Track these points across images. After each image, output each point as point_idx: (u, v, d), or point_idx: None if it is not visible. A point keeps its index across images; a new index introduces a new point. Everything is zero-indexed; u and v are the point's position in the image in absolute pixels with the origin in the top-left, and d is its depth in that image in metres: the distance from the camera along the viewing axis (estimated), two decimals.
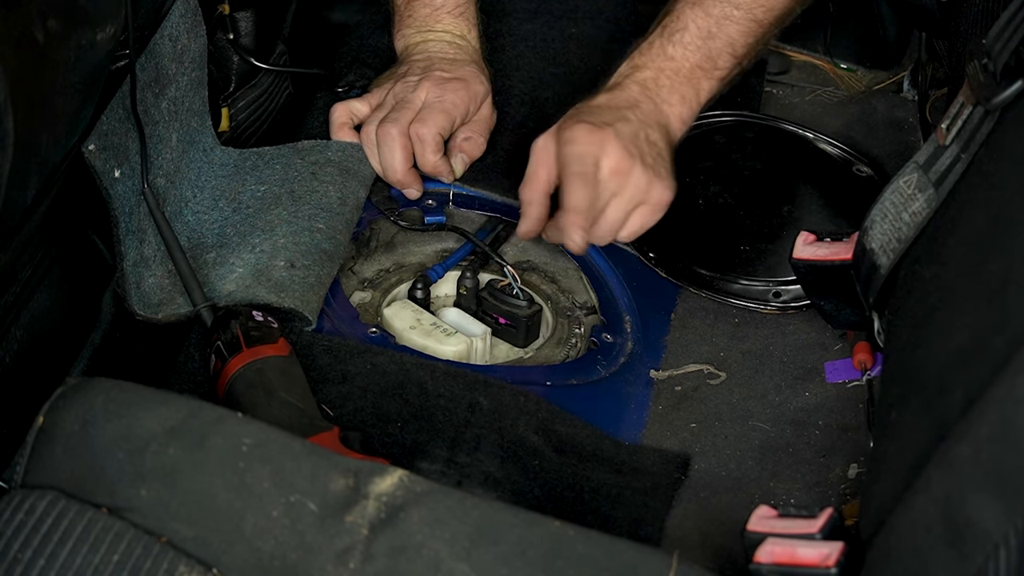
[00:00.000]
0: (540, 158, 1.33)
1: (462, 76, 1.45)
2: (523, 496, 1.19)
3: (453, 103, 1.43)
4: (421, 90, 1.43)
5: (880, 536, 0.95)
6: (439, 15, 1.49)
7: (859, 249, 1.24)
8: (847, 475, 1.24)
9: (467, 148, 1.46)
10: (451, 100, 1.42)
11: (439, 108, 1.42)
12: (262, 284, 1.30)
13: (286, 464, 0.97)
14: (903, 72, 1.72)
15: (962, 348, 0.95)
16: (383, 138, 1.41)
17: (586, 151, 1.30)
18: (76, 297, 1.32)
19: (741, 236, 1.47)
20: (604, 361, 1.35)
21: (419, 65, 1.46)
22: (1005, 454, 0.84)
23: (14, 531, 0.92)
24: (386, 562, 0.93)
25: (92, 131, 1.24)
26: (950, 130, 1.15)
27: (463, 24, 1.50)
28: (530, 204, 1.35)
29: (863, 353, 1.32)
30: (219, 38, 1.51)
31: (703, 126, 1.59)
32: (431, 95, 1.43)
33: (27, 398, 1.06)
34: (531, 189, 1.35)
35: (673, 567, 0.94)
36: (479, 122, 1.47)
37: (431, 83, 1.43)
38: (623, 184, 1.31)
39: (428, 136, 1.41)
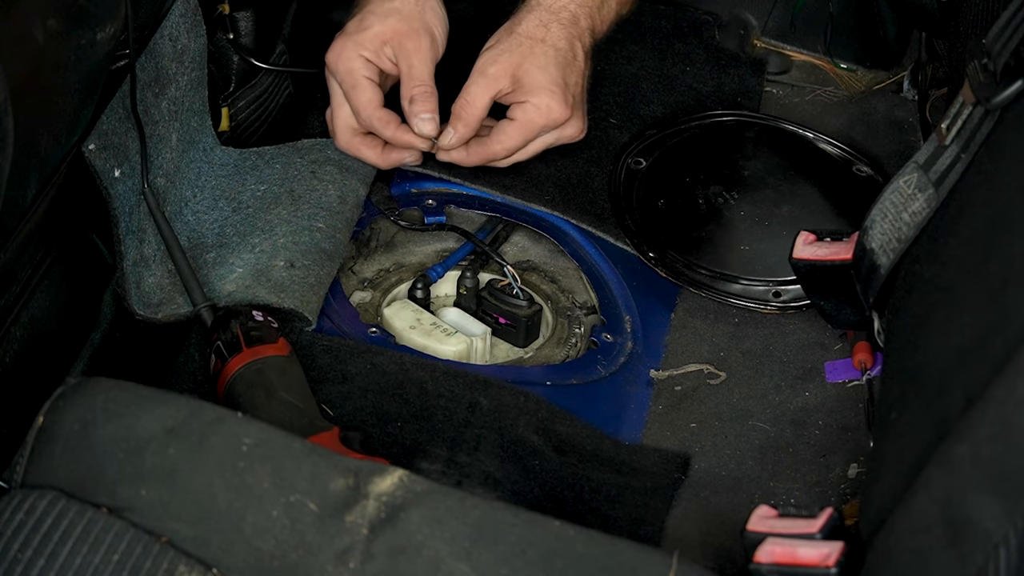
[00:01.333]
0: (483, 94, 1.36)
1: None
2: (523, 496, 1.19)
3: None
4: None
5: (880, 536, 0.95)
6: None
7: (859, 249, 1.24)
8: (847, 475, 1.24)
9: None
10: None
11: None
12: (262, 284, 1.31)
13: (286, 464, 0.97)
14: (903, 72, 1.72)
15: (962, 348, 0.95)
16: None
17: (562, 135, 1.39)
18: (76, 297, 1.32)
19: (741, 236, 1.47)
20: (604, 361, 1.35)
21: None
22: (1005, 454, 0.84)
23: (14, 531, 0.92)
24: (386, 562, 0.93)
25: (92, 131, 1.24)
26: (950, 130, 1.15)
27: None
28: (466, 128, 1.38)
29: (863, 353, 1.32)
30: (219, 38, 1.51)
31: (703, 126, 1.59)
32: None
33: (27, 398, 1.06)
34: (472, 117, 1.37)
35: (673, 567, 0.94)
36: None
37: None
38: (560, 139, 1.41)
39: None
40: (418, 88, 1.34)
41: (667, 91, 1.63)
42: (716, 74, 1.68)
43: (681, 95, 1.64)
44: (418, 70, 1.35)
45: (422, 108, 1.34)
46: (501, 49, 1.37)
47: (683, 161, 1.54)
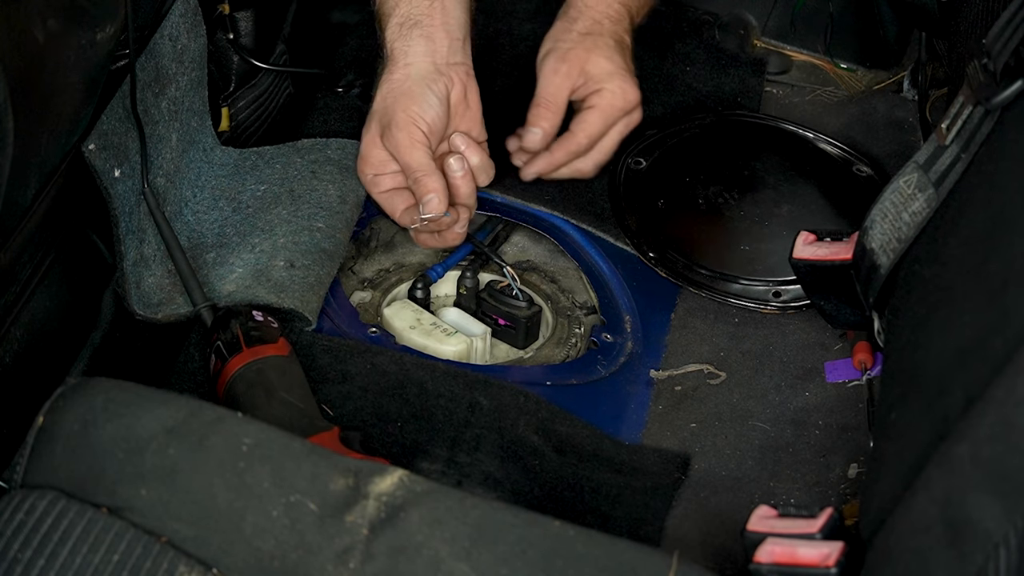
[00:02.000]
0: (562, 89, 1.40)
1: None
2: (523, 496, 1.19)
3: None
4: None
5: (880, 536, 0.95)
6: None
7: (859, 249, 1.24)
8: (847, 475, 1.24)
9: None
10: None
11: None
12: (262, 284, 1.31)
13: (286, 464, 0.97)
14: (903, 72, 1.72)
15: (962, 348, 0.95)
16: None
17: (632, 121, 1.43)
18: (76, 297, 1.32)
19: (741, 236, 1.47)
20: (604, 361, 1.35)
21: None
22: (1005, 454, 0.84)
23: (14, 531, 0.92)
24: (386, 562, 0.93)
25: (92, 131, 1.24)
26: (950, 130, 1.15)
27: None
28: (550, 124, 1.41)
29: (863, 353, 1.32)
30: (219, 38, 1.51)
31: (703, 126, 1.59)
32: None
33: (27, 398, 1.06)
34: (555, 113, 1.41)
35: (673, 567, 0.94)
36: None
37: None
38: (630, 125, 1.45)
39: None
40: (411, 177, 1.34)
41: (667, 91, 1.63)
42: (716, 74, 1.68)
43: (681, 95, 1.64)
44: (404, 162, 1.34)
45: (421, 192, 1.33)
46: (566, 48, 1.41)
47: (683, 161, 1.54)
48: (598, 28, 1.43)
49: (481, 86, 1.61)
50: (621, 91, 1.41)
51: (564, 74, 1.40)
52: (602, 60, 1.40)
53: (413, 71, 1.36)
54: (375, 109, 1.37)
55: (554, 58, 1.41)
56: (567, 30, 1.43)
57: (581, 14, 1.44)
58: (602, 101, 1.41)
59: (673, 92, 1.63)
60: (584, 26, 1.43)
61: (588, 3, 1.44)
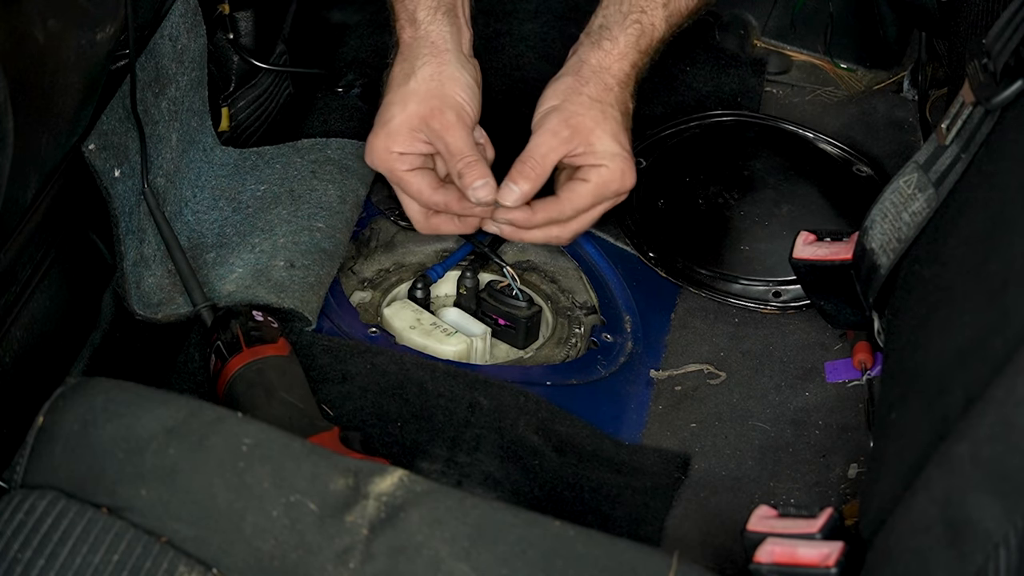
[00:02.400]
0: (554, 154, 1.33)
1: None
2: (523, 496, 1.19)
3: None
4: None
5: (880, 536, 0.95)
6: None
7: (859, 249, 1.24)
8: (847, 475, 1.24)
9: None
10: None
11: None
12: (262, 284, 1.31)
13: (286, 464, 0.97)
14: (903, 72, 1.72)
15: (962, 348, 0.95)
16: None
17: (618, 201, 1.37)
18: (76, 297, 1.32)
19: (741, 236, 1.47)
20: (604, 361, 1.35)
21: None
22: (1005, 454, 0.84)
23: (14, 531, 0.92)
24: (386, 562, 0.93)
25: (92, 131, 1.24)
26: (950, 130, 1.15)
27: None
28: (531, 186, 1.33)
29: (863, 353, 1.32)
30: (219, 38, 1.51)
31: (703, 126, 1.59)
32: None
33: (27, 398, 1.06)
34: (539, 175, 1.33)
35: (673, 567, 0.94)
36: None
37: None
38: (614, 204, 1.38)
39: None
40: (461, 162, 1.31)
41: (667, 91, 1.63)
42: (716, 74, 1.68)
43: (681, 95, 1.64)
44: (455, 145, 1.32)
45: (472, 177, 1.31)
46: (573, 111, 1.34)
47: (683, 161, 1.54)
48: (609, 96, 1.36)
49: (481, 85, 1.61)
50: (620, 175, 1.34)
51: (564, 139, 1.33)
52: (607, 138, 1.33)
53: (453, 57, 1.35)
54: (416, 89, 1.32)
55: (558, 119, 1.33)
56: (576, 91, 1.35)
57: (594, 76, 1.36)
58: (599, 179, 1.34)
59: (673, 92, 1.63)
60: (595, 91, 1.35)
61: (602, 63, 1.37)
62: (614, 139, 1.34)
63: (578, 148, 1.33)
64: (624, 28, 1.38)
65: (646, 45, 1.39)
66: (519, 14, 1.70)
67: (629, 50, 1.38)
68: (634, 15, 1.38)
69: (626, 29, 1.38)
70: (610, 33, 1.38)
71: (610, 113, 1.35)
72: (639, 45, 1.38)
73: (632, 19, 1.38)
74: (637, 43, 1.38)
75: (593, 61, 1.37)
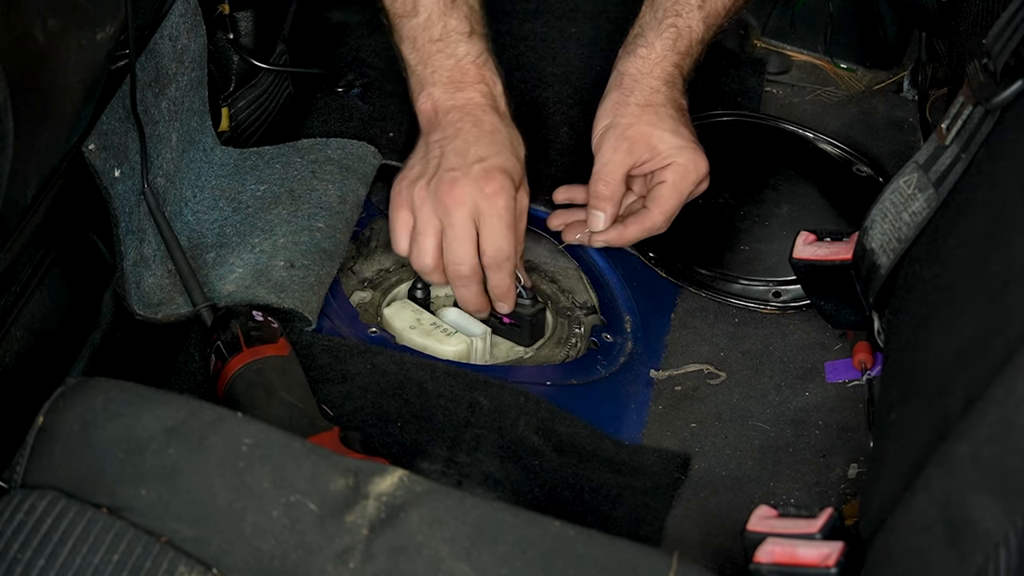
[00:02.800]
0: (620, 169, 1.36)
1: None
2: (523, 496, 1.19)
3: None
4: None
5: (880, 536, 0.95)
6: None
7: (859, 249, 1.24)
8: (847, 475, 1.24)
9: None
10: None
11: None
12: (262, 284, 1.31)
13: (286, 464, 0.97)
14: (903, 72, 1.72)
15: (962, 348, 0.95)
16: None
17: (699, 189, 1.39)
18: (76, 297, 1.32)
19: (741, 236, 1.47)
20: (604, 361, 1.35)
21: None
22: (1005, 454, 0.84)
23: (14, 531, 0.92)
24: (386, 562, 0.93)
25: (92, 131, 1.24)
26: (950, 130, 1.15)
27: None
28: (613, 207, 1.37)
29: (863, 353, 1.32)
30: (219, 38, 1.51)
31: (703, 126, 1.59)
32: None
33: (27, 398, 1.06)
34: (616, 195, 1.37)
35: (673, 567, 0.94)
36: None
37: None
38: (696, 193, 1.40)
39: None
40: (501, 261, 1.32)
41: None
42: (716, 74, 1.68)
43: None
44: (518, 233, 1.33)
45: (505, 285, 1.33)
46: (626, 124, 1.36)
47: None
48: (656, 98, 1.37)
49: None
50: (693, 164, 1.36)
51: (626, 151, 1.35)
52: (667, 135, 1.35)
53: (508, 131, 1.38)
54: (507, 166, 1.32)
55: (615, 135, 1.36)
56: (623, 103, 1.37)
57: (637, 84, 1.37)
58: (675, 176, 1.35)
59: None
60: (642, 98, 1.37)
61: (642, 70, 1.38)
62: (674, 134, 1.36)
63: (643, 156, 1.36)
64: (660, 33, 1.39)
65: (684, 47, 1.39)
66: (519, 14, 1.70)
67: (667, 52, 1.38)
68: (669, 19, 1.39)
69: (661, 34, 1.39)
70: (645, 40, 1.39)
71: (663, 113, 1.36)
72: (677, 47, 1.39)
73: (667, 23, 1.39)
74: (675, 46, 1.39)
75: (632, 70, 1.38)
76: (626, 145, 1.35)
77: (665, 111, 1.37)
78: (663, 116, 1.37)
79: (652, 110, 1.37)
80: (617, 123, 1.37)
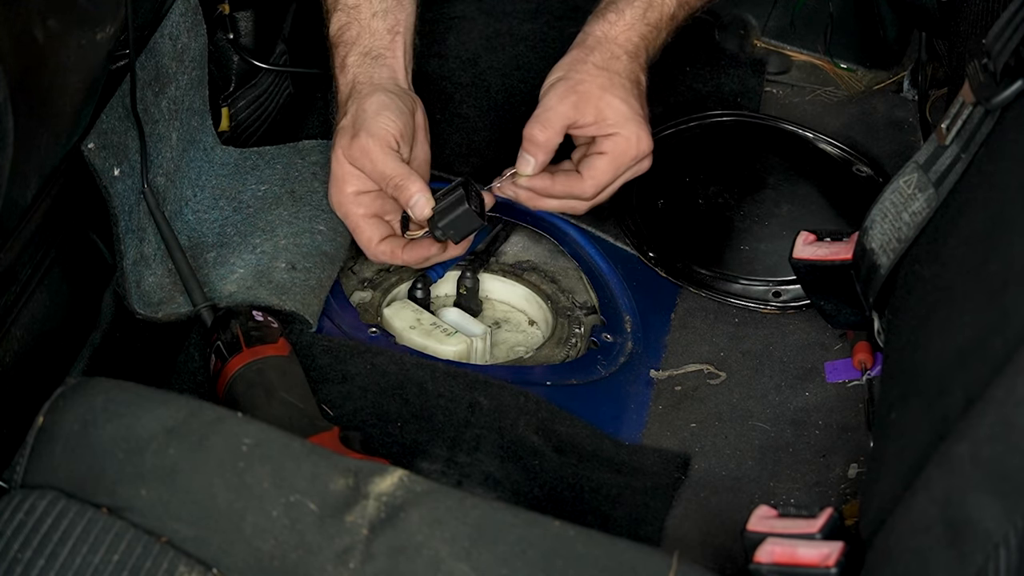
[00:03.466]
0: (562, 119, 1.32)
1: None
2: (523, 496, 1.19)
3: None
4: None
5: (880, 536, 0.95)
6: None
7: (859, 249, 1.24)
8: (847, 475, 1.24)
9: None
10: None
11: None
12: (263, 286, 1.30)
13: (286, 464, 0.97)
14: (903, 72, 1.72)
15: (962, 348, 0.95)
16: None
17: (640, 168, 1.35)
18: (76, 297, 1.32)
19: (741, 236, 1.47)
20: (604, 361, 1.35)
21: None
22: (1005, 454, 0.84)
23: (14, 531, 0.92)
24: (386, 562, 0.93)
25: (92, 129, 1.24)
26: (950, 130, 1.15)
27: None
28: (545, 154, 1.33)
29: (863, 353, 1.32)
30: (219, 38, 1.51)
31: (703, 126, 1.59)
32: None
33: (27, 398, 1.06)
34: (549, 142, 1.32)
35: (673, 567, 0.94)
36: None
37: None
38: (637, 172, 1.37)
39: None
40: (390, 184, 1.30)
41: (667, 91, 1.63)
42: (716, 74, 1.68)
43: (681, 95, 1.64)
44: (377, 169, 1.30)
45: (406, 197, 1.29)
46: (578, 79, 1.32)
47: (683, 161, 1.54)
48: (615, 64, 1.33)
49: (481, 86, 1.61)
50: (636, 139, 1.32)
51: (571, 104, 1.31)
52: (617, 101, 1.31)
53: (379, 91, 1.33)
54: (343, 126, 1.32)
55: (564, 87, 1.31)
56: (582, 60, 1.33)
57: (599, 45, 1.34)
58: (616, 148, 1.32)
59: (673, 92, 1.63)
60: (600, 59, 1.33)
61: (608, 34, 1.35)
62: (624, 103, 1.32)
63: (587, 116, 1.31)
64: (631, 2, 1.36)
65: (655, 19, 1.36)
66: (519, 14, 1.70)
67: (636, 22, 1.35)
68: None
69: (633, 2, 1.36)
70: (616, 7, 1.36)
71: (617, 80, 1.32)
72: (647, 18, 1.36)
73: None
74: (644, 16, 1.36)
75: (598, 32, 1.35)
76: (573, 99, 1.31)
77: (620, 79, 1.33)
78: (617, 84, 1.32)
79: (607, 75, 1.32)
80: (570, 76, 1.33)
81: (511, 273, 1.45)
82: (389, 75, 1.36)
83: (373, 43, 1.36)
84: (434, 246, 1.33)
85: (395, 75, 1.36)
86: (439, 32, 1.67)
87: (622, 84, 1.33)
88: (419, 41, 1.42)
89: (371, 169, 1.30)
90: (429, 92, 1.59)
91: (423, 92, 1.59)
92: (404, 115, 1.33)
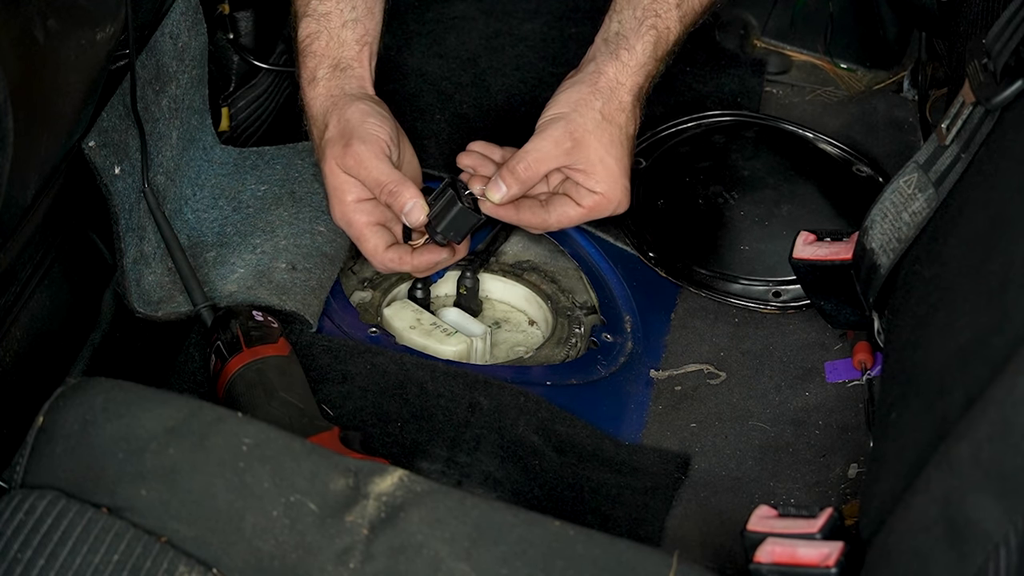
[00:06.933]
0: (551, 162, 1.32)
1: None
2: (523, 496, 1.19)
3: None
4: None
5: (880, 536, 0.95)
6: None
7: (859, 249, 1.24)
8: (847, 475, 1.24)
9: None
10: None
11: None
12: (263, 286, 1.31)
13: (286, 464, 0.97)
14: (903, 72, 1.72)
15: (962, 348, 0.95)
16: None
17: (617, 214, 1.35)
18: (76, 297, 1.32)
19: (741, 236, 1.47)
20: (604, 361, 1.35)
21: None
22: (1005, 454, 0.84)
23: (14, 531, 0.92)
24: (386, 562, 0.93)
25: (92, 128, 1.24)
26: (950, 130, 1.15)
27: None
28: (520, 188, 1.32)
29: (863, 353, 1.32)
30: (219, 38, 1.51)
31: (703, 126, 1.59)
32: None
33: (27, 398, 1.06)
34: (530, 179, 1.32)
35: (673, 567, 0.94)
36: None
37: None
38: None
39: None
40: (384, 190, 1.30)
41: (667, 91, 1.63)
42: (716, 74, 1.68)
43: (681, 95, 1.64)
44: (372, 176, 1.30)
45: (400, 204, 1.29)
46: (580, 124, 1.31)
47: (683, 161, 1.54)
48: (619, 117, 1.33)
49: (481, 86, 1.61)
50: (617, 201, 1.32)
51: (565, 151, 1.30)
52: (611, 161, 1.31)
53: (357, 99, 1.33)
54: (330, 137, 1.31)
55: (563, 129, 1.31)
56: (588, 104, 1.32)
57: (611, 92, 1.33)
58: (596, 206, 1.32)
59: (673, 92, 1.63)
60: (607, 109, 1.32)
61: (619, 78, 1.33)
62: (617, 163, 1.31)
63: (578, 164, 1.31)
64: (640, 35, 1.35)
65: (663, 52, 1.36)
66: (519, 14, 1.70)
67: (647, 60, 1.35)
68: (649, 20, 1.35)
69: (643, 37, 1.35)
70: (627, 42, 1.35)
71: (617, 138, 1.32)
72: (656, 53, 1.35)
73: (648, 24, 1.35)
74: (654, 51, 1.35)
75: (611, 73, 1.34)
76: (568, 146, 1.31)
77: (619, 136, 1.32)
78: (616, 141, 1.32)
79: (609, 131, 1.32)
80: (572, 120, 1.32)
81: (511, 273, 1.45)
82: (358, 85, 1.36)
83: (342, 54, 1.36)
84: (442, 251, 1.33)
85: (363, 85, 1.36)
86: (439, 32, 1.67)
87: (620, 142, 1.32)
88: (421, 42, 1.42)
89: (365, 176, 1.30)
90: (429, 92, 1.59)
91: (423, 92, 1.60)
92: (388, 121, 1.33)
